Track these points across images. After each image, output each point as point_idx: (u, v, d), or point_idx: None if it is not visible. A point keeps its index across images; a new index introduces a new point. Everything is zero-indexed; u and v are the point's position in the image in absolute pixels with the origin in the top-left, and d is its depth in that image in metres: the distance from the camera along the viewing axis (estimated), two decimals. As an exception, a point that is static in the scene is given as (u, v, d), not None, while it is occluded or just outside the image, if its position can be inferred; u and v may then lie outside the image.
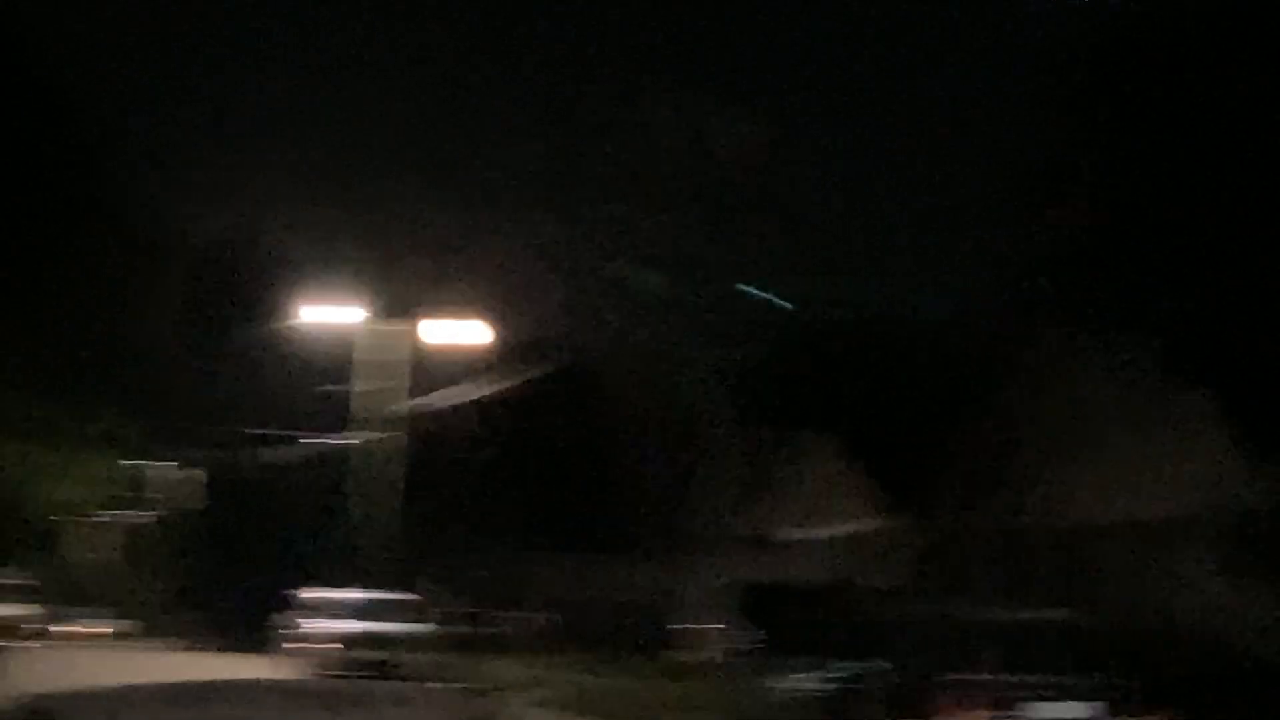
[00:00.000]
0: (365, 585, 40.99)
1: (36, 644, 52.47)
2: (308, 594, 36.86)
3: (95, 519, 67.87)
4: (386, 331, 45.05)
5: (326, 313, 45.47)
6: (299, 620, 36.14)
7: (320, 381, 48.00)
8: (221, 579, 64.20)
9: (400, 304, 45.37)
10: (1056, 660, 18.43)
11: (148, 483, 67.44)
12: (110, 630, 72.26)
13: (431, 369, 45.99)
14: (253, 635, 48.41)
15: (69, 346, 37.92)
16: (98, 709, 4.89)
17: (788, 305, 36.64)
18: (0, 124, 32.67)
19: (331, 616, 35.02)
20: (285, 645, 36.69)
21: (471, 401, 46.48)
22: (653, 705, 27.19)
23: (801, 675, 24.41)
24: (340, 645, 33.79)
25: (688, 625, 35.26)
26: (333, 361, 47.13)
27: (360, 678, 29.89)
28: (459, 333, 45.19)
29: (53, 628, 72.96)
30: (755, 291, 36.18)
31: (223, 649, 51.29)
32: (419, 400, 45.64)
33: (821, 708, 23.34)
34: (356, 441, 46.55)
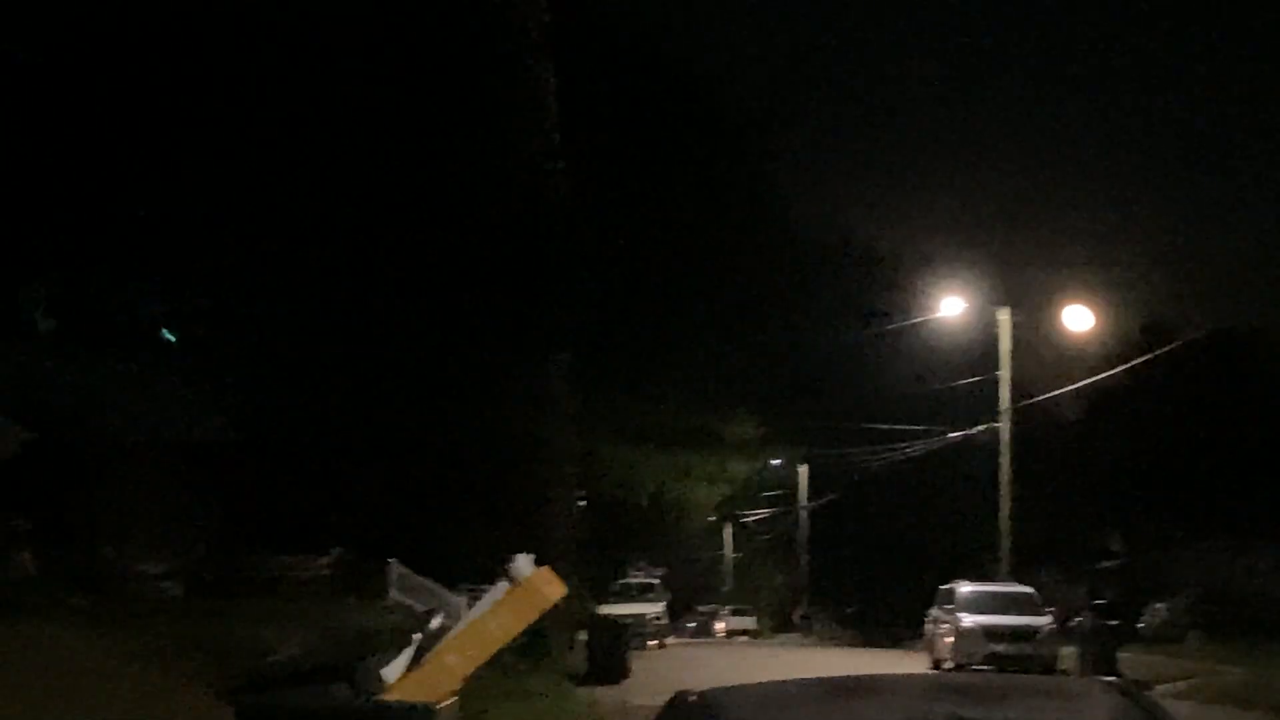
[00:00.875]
0: (1000, 578, 40.62)
1: (671, 640, 54.76)
2: (948, 587, 36.79)
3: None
4: (1014, 323, 44.51)
5: (953, 305, 45.56)
6: (940, 613, 36.17)
7: (949, 375, 48.13)
8: (847, 573, 65.09)
9: (1026, 294, 44.99)
10: None
11: (764, 481, 69.06)
12: (748, 626, 74.68)
13: (1063, 357, 45.27)
14: (893, 629, 48.86)
15: (720, 352, 39.48)
16: (756, 704, 4.77)
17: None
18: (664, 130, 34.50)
19: (971, 609, 34.84)
20: (930, 638, 36.82)
21: (1100, 386, 45.35)
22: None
23: None
24: (984, 637, 33.62)
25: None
26: (961, 355, 47.16)
27: (1006, 671, 29.50)
28: (1084, 320, 44.21)
29: (689, 624, 76.15)
30: None
31: (863, 643, 52.04)
32: (1051, 389, 44.95)
33: None
34: (980, 431, 46.26)
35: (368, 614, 21.43)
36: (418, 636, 14.30)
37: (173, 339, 33.88)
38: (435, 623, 14.69)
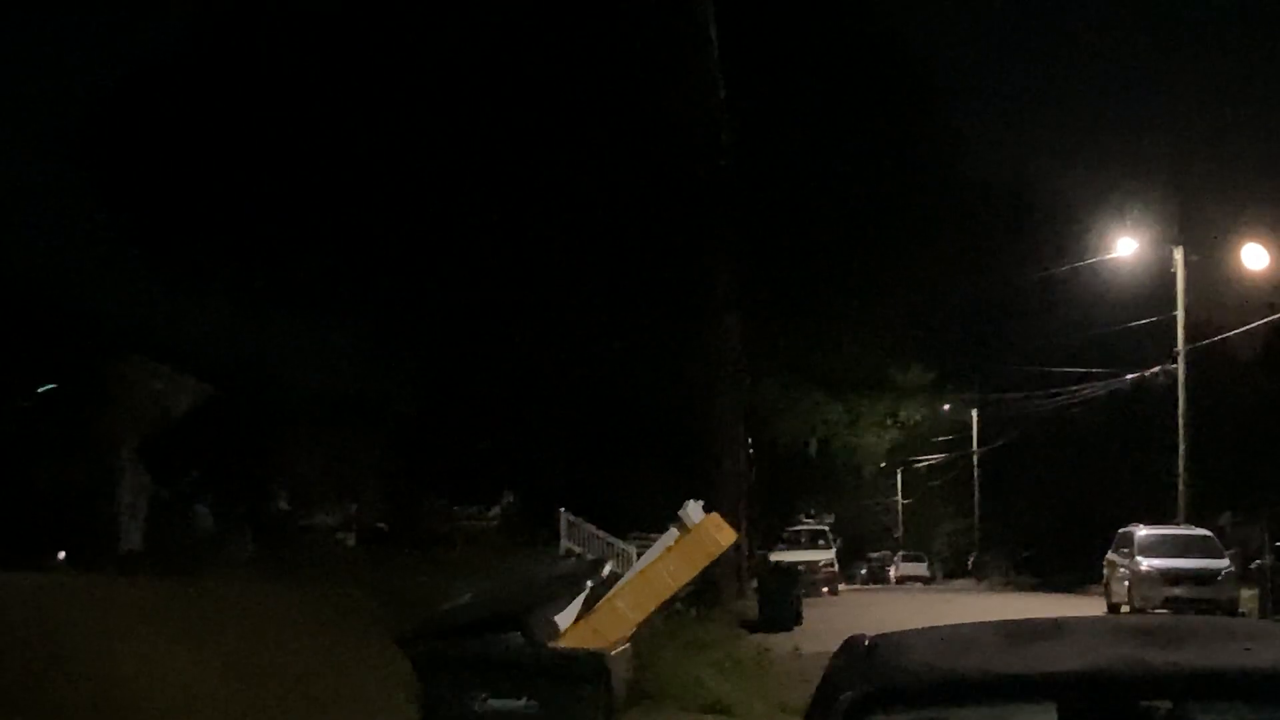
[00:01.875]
0: (1178, 520, 39.98)
1: (842, 586, 54.68)
2: (1125, 530, 36.29)
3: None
4: (1190, 262, 43.62)
5: (1127, 245, 44.83)
6: (1117, 557, 35.71)
7: (1123, 317, 47.41)
8: (1020, 518, 64.43)
9: (1202, 233, 44.04)
10: None
11: (935, 426, 68.36)
12: (920, 573, 74.28)
13: (1241, 296, 44.29)
14: (1068, 573, 48.25)
15: (892, 299, 39.09)
16: (933, 648, 4.66)
17: None
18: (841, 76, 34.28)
19: (1149, 553, 34.33)
20: (1107, 582, 36.36)
21: (1277, 325, 44.30)
22: None
23: None
24: (1162, 581, 33.09)
25: None
26: (1136, 296, 46.42)
27: (1186, 613, 28.99)
28: (1262, 258, 43.13)
29: (860, 571, 75.86)
30: None
31: (1038, 588, 51.52)
32: (1228, 330, 44.07)
33: None
34: (1155, 374, 45.50)
35: (539, 562, 21.55)
36: (589, 584, 14.34)
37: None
38: (606, 570, 14.73)
